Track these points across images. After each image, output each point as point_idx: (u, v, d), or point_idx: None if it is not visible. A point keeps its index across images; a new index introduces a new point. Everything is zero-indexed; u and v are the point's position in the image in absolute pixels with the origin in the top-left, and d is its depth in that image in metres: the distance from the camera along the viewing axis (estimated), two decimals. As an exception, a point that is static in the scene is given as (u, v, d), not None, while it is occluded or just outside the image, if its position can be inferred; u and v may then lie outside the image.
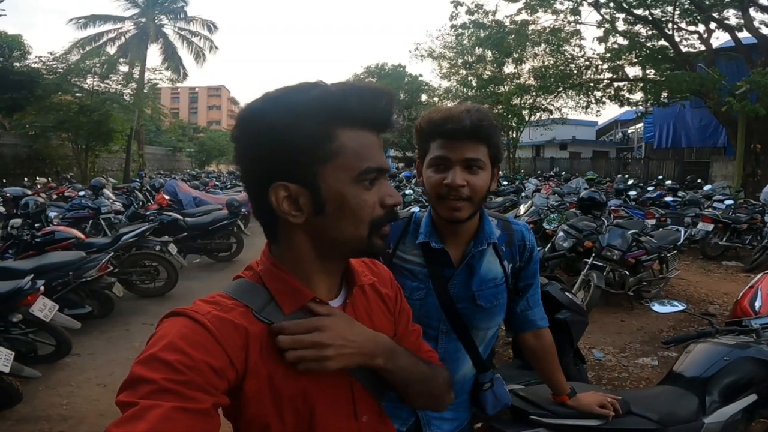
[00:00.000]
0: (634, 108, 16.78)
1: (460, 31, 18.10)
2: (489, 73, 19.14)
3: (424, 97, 28.39)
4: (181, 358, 0.57)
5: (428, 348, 0.91)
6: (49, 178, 13.59)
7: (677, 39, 13.39)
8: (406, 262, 1.14)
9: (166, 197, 8.13)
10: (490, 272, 1.15)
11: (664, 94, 13.84)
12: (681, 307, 2.08)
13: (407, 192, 9.62)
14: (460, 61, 20.08)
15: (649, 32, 13.89)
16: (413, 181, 12.89)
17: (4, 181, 12.93)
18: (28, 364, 3.16)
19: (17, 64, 15.48)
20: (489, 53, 18.26)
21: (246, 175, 0.68)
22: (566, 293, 2.66)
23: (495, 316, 1.19)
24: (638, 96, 15.56)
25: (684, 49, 13.44)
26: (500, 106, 17.17)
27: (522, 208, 6.88)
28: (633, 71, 15.26)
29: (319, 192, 0.64)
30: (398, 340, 0.81)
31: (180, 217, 6.53)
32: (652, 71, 14.35)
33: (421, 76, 29.85)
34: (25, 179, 12.99)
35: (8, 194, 7.86)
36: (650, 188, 12.03)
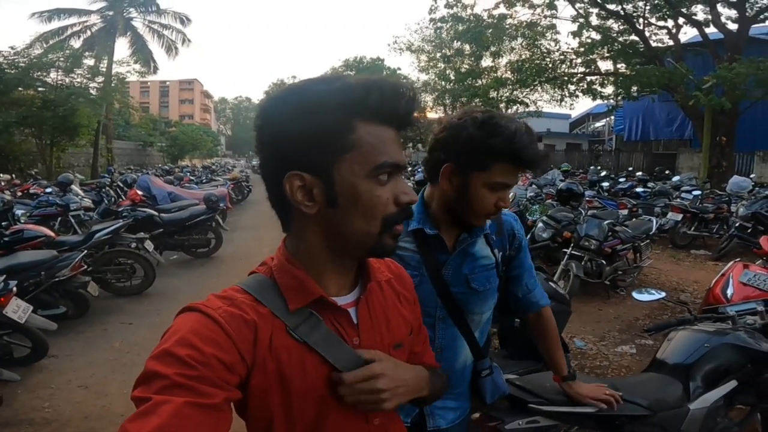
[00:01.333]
0: (606, 101, 17.19)
1: (438, 24, 18.19)
2: (467, 66, 19.29)
3: (401, 91, 28.35)
4: (193, 353, 0.57)
5: (432, 353, 0.95)
6: (13, 175, 12.98)
7: (647, 34, 13.77)
8: (399, 249, 1.15)
9: (140, 193, 7.87)
10: (483, 257, 1.19)
11: (634, 88, 14.18)
12: (660, 296, 2.14)
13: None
14: (438, 54, 20.19)
15: (621, 27, 14.23)
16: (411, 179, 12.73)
17: (-36, 178, 12.30)
18: (3, 366, 3.08)
19: (-24, 59, 14.68)
20: (467, 47, 18.40)
21: (264, 164, 0.68)
22: (550, 283, 2.72)
23: (488, 299, 1.23)
24: (610, 90, 15.91)
25: (653, 44, 13.83)
26: (477, 99, 17.30)
27: (507, 200, 6.98)
28: (605, 65, 15.66)
29: (333, 184, 0.64)
30: (410, 343, 0.83)
31: (155, 212, 6.36)
32: (623, 66, 14.71)
33: (399, 69, 29.86)
34: (-13, 176, 12.39)
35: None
36: (621, 179, 12.39)
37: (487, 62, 19.12)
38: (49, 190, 9.12)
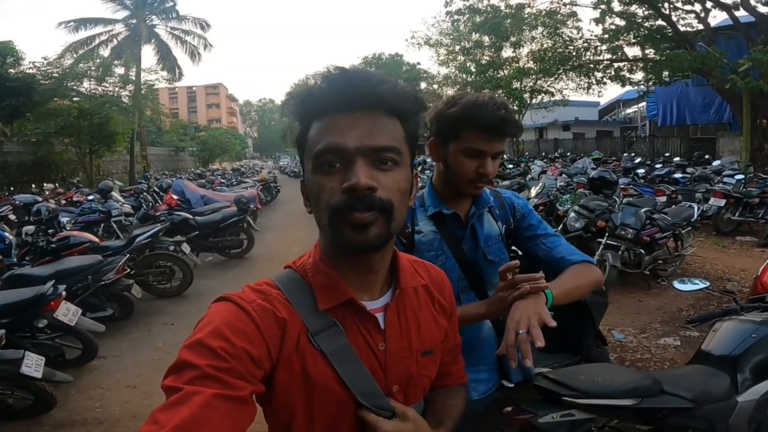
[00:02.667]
0: (636, 87, 16.64)
1: (455, 17, 17.94)
2: (487, 58, 18.97)
3: (423, 85, 28.18)
4: (225, 346, 0.59)
5: (462, 362, 0.93)
6: (56, 184, 13.65)
7: (674, 18, 13.23)
8: (422, 235, 1.25)
9: (175, 197, 8.16)
10: (492, 230, 1.29)
11: (666, 73, 13.72)
12: (703, 285, 2.07)
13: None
14: (457, 47, 19.89)
15: (646, 12, 13.71)
16: (419, 167, 12.81)
17: (12, 188, 13.02)
18: (57, 368, 3.20)
19: (12, 70, 15.46)
20: (486, 38, 18.10)
21: None
22: (585, 275, 2.66)
23: None
24: (639, 76, 15.48)
25: (682, 29, 13.28)
26: (501, 91, 17.03)
27: (533, 191, 6.85)
28: (632, 51, 15.13)
29: (305, 184, 0.69)
30: (444, 350, 0.83)
31: (190, 216, 6.56)
32: (652, 51, 14.20)
33: (419, 64, 29.76)
34: (33, 186, 13.05)
35: (19, 202, 7.92)
36: (658, 166, 11.92)
37: (507, 53, 18.79)
38: (91, 197, 9.54)
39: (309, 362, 0.66)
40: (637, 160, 13.00)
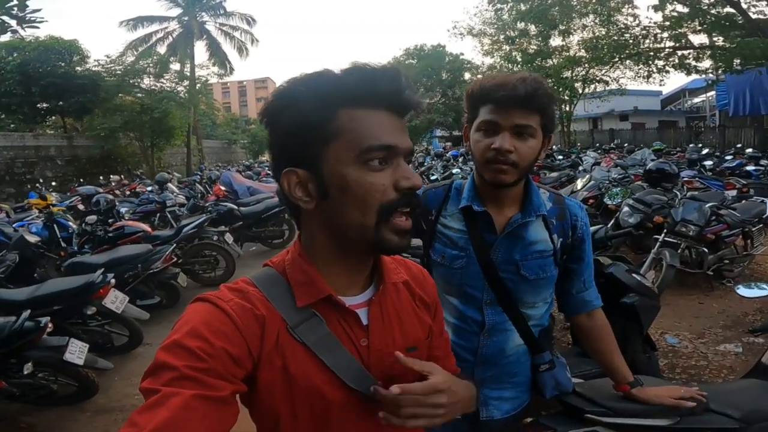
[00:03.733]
0: (703, 76, 15.44)
1: (498, 6, 17.33)
2: (534, 47, 18.21)
3: (467, 76, 27.54)
4: (203, 345, 0.58)
5: (453, 359, 0.90)
6: (122, 176, 14.60)
7: (744, 5, 12.09)
8: (447, 228, 1.14)
9: (223, 188, 8.45)
10: (537, 243, 1.11)
11: (737, 61, 12.58)
12: (770, 291, 1.83)
13: (455, 171, 9.39)
14: (501, 36, 19.19)
15: None
16: (460, 159, 12.57)
17: (81, 180, 14.08)
18: (105, 354, 3.37)
19: (78, 68, 16.65)
20: (532, 27, 17.39)
21: (271, 164, 0.71)
22: (634, 275, 2.44)
23: (541, 290, 1.14)
24: (707, 64, 14.28)
25: (753, 16, 12.12)
26: (550, 80, 16.31)
27: (579, 183, 6.46)
28: (698, 39, 14.05)
29: (322, 175, 0.63)
30: (430, 347, 0.81)
31: (235, 207, 6.76)
32: (720, 39, 13.12)
33: (462, 54, 28.87)
34: (101, 178, 14.07)
35: (82, 193, 8.52)
36: (728, 157, 10.94)
37: (556, 41, 17.94)
38: (150, 188, 10.15)
39: (289, 358, 0.65)
40: (705, 152, 11.97)
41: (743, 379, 1.61)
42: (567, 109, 19.57)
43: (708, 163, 9.62)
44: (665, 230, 4.27)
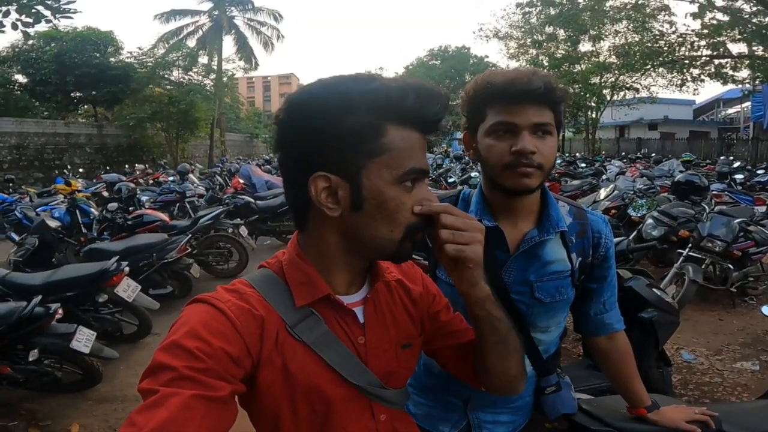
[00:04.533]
0: (740, 86, 14.91)
1: (526, 9, 17.08)
2: (562, 51, 17.90)
3: (492, 79, 27.32)
4: (201, 346, 0.58)
5: (461, 316, 0.87)
6: (146, 165, 14.93)
7: None
8: None
9: (241, 181, 8.53)
10: (555, 263, 1.01)
11: (775, 72, 12.12)
12: (798, 312, 1.74)
13: (473, 174, 9.27)
14: (528, 40, 18.93)
15: (755, 8, 12.19)
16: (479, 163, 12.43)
17: (107, 168, 14.47)
18: (114, 343, 3.37)
19: (112, 59, 17.11)
20: (561, 31, 17.07)
21: (286, 160, 0.68)
22: (654, 290, 2.35)
23: (557, 313, 1.05)
24: (745, 73, 13.88)
25: None
26: (576, 86, 16.00)
27: (603, 192, 6.29)
28: (737, 48, 13.67)
29: (360, 187, 0.63)
30: (442, 328, 0.82)
31: (252, 200, 6.79)
32: (760, 48, 12.69)
33: (487, 57, 28.63)
34: (126, 166, 14.43)
35: (106, 180, 8.72)
36: (760, 171, 10.53)
37: (586, 47, 17.58)
38: (171, 178, 10.34)
39: (289, 357, 0.65)
40: (736, 165, 11.56)
41: (759, 399, 1.55)
42: (593, 116, 19.20)
43: (739, 176, 9.29)
44: (690, 245, 4.12)
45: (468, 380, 0.84)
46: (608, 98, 18.03)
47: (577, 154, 16.70)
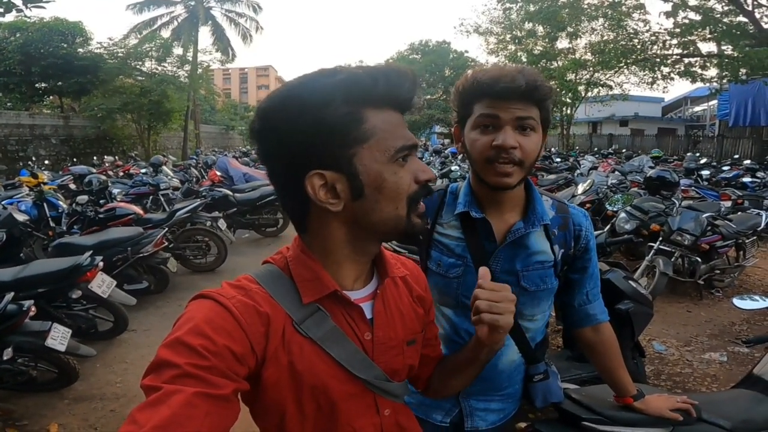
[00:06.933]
0: (708, 85, 15.44)
1: (507, 5, 17.26)
2: (540, 48, 18.15)
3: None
4: (205, 343, 0.58)
5: (440, 351, 0.94)
6: (116, 157, 14.41)
7: (757, 15, 12.10)
8: (443, 236, 1.09)
9: (218, 173, 8.35)
10: (539, 253, 1.06)
11: (743, 71, 12.57)
12: (765, 304, 1.83)
13: (453, 168, 9.31)
14: (508, 36, 19.13)
15: (726, 8, 12.63)
16: (459, 156, 12.53)
17: (75, 160, 13.93)
18: (88, 340, 3.25)
19: (81, 50, 16.45)
20: (540, 28, 17.32)
21: (275, 169, 0.68)
22: (630, 282, 2.45)
23: (541, 302, 1.09)
24: (713, 72, 14.25)
25: (766, 26, 12.12)
26: (553, 82, 16.27)
27: (580, 187, 6.44)
28: (707, 47, 14.09)
29: (356, 175, 0.64)
30: (422, 340, 0.84)
31: (230, 192, 6.67)
32: (729, 48, 13.10)
33: (467, 52, 28.81)
34: (95, 158, 13.90)
35: (74, 172, 8.39)
36: (725, 168, 10.97)
37: (563, 44, 17.88)
38: (144, 171, 10.02)
39: (296, 354, 0.65)
40: (702, 161, 12.02)
41: (734, 389, 1.62)
42: (568, 112, 19.58)
43: (705, 172, 9.65)
44: (660, 238, 4.27)
45: (416, 385, 0.91)
46: (583, 95, 18.39)
47: (552, 149, 17.00)
